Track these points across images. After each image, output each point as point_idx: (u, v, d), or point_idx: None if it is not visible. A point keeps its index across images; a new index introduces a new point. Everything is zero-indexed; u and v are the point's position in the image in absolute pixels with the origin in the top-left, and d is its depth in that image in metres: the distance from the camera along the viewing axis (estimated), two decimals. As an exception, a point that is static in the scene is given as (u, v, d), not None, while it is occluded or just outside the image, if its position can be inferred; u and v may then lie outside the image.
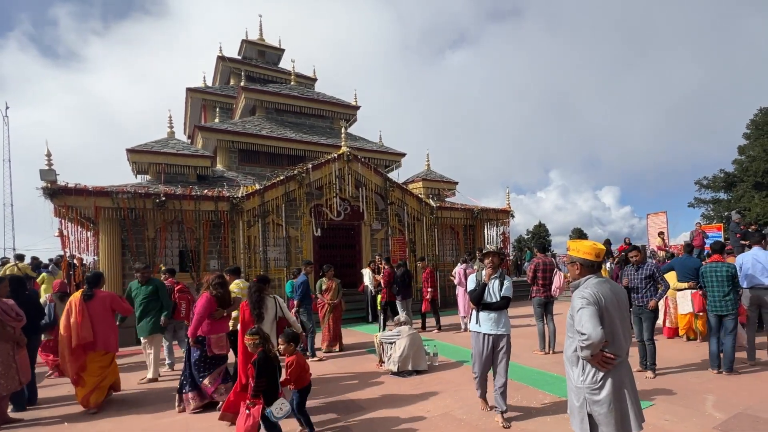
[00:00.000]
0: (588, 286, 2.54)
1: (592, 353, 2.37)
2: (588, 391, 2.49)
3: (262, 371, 3.55)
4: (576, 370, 2.57)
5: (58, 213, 9.45)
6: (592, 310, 2.39)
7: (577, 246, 2.68)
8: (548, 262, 7.14)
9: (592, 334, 2.31)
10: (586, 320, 2.36)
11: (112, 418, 4.74)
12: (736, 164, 32.96)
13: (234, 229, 10.99)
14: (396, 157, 17.22)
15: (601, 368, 2.46)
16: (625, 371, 2.55)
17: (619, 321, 2.52)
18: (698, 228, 13.19)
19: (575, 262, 2.68)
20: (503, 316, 4.17)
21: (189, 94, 18.45)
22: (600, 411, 2.46)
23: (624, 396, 2.50)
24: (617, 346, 2.50)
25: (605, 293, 2.51)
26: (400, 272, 9.62)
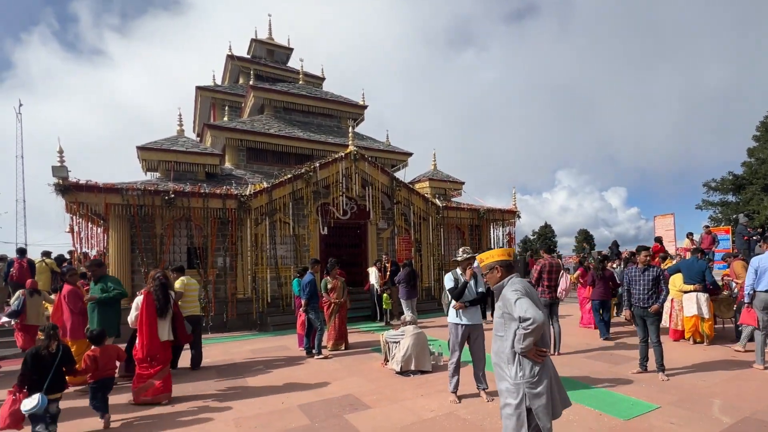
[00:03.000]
0: (515, 282, 2.72)
1: (535, 338, 2.48)
2: (527, 386, 2.58)
3: (28, 364, 3.84)
4: (512, 368, 2.65)
5: (69, 209, 9.59)
6: (529, 299, 2.55)
7: (490, 254, 2.89)
8: (555, 263, 7.12)
9: (536, 316, 2.43)
10: (527, 306, 2.49)
11: (114, 414, 4.82)
12: (745, 167, 32.60)
13: (241, 227, 11.08)
14: (403, 156, 17.24)
15: (536, 360, 2.59)
16: (549, 363, 2.74)
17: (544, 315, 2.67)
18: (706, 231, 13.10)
19: (494, 267, 2.87)
20: (478, 309, 4.94)
21: (199, 92, 18.59)
22: (540, 403, 2.56)
23: (553, 385, 2.67)
24: (544, 340, 2.69)
25: (529, 288, 2.71)
26: (406, 272, 9.66)
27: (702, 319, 7.33)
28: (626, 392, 4.97)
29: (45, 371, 3.87)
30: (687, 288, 7.50)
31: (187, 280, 6.91)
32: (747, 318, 6.17)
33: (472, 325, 4.81)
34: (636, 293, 5.72)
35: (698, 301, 7.29)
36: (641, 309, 5.65)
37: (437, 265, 13.98)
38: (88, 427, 4.41)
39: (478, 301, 4.90)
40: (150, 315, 5.23)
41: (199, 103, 19.03)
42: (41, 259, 10.71)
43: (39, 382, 3.83)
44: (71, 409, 4.85)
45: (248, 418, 4.50)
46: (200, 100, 18.86)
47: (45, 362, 3.90)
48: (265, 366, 6.85)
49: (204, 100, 18.83)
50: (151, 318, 5.22)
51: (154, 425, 4.41)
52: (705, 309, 7.25)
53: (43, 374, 3.86)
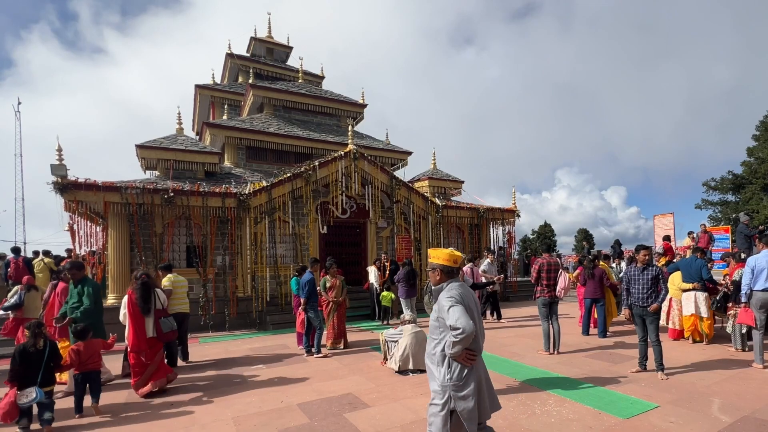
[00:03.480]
0: (452, 288, 2.75)
1: (464, 346, 2.54)
2: (453, 388, 2.63)
3: (16, 360, 4.09)
4: (442, 369, 2.69)
5: (68, 207, 9.58)
6: (462, 307, 2.59)
7: (437, 254, 2.88)
8: (553, 262, 7.12)
9: (466, 326, 2.48)
10: (459, 315, 2.53)
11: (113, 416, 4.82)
12: (745, 166, 32.63)
13: (241, 226, 11.08)
14: (402, 155, 17.24)
15: (465, 364, 2.63)
16: (482, 366, 2.81)
17: (478, 320, 2.77)
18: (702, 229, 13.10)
19: (435, 269, 2.88)
20: None
21: (198, 90, 18.55)
22: (464, 406, 2.61)
23: (483, 388, 2.72)
24: (477, 342, 2.73)
25: (466, 295, 2.74)
26: (405, 271, 9.65)
27: (701, 318, 7.34)
28: (625, 391, 4.97)
29: (33, 367, 4.13)
30: (686, 287, 7.51)
31: (175, 278, 6.95)
32: (744, 318, 6.17)
33: None
34: (635, 292, 5.72)
35: (696, 300, 7.30)
36: (640, 308, 5.65)
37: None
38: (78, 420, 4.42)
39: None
40: (134, 313, 5.39)
41: (199, 101, 19.00)
42: (40, 258, 10.73)
43: (31, 378, 4.09)
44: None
45: (247, 417, 4.50)
46: (199, 99, 18.83)
47: (32, 358, 4.16)
48: (265, 365, 6.85)
49: (203, 98, 18.80)
50: (135, 316, 5.38)
51: (152, 426, 4.41)
52: (703, 308, 7.26)
53: (32, 370, 4.12)
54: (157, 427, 4.34)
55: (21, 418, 4.09)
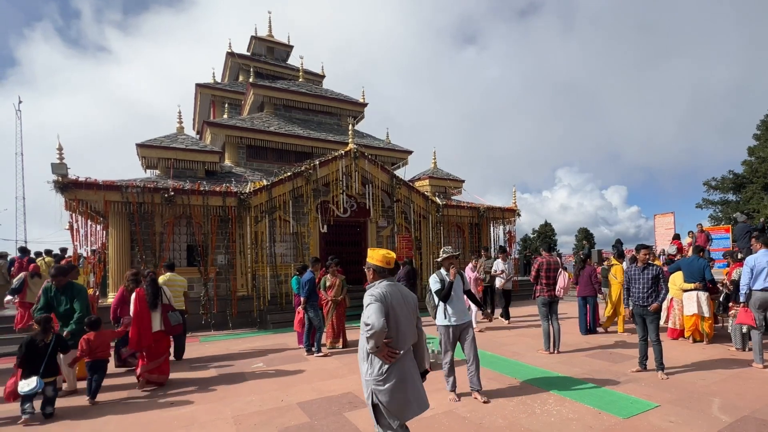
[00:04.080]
0: (377, 287, 2.81)
1: (376, 343, 2.60)
2: (374, 383, 2.71)
3: (22, 350, 4.51)
4: (365, 365, 2.78)
5: (68, 206, 9.58)
6: (378, 305, 2.65)
7: (372, 254, 2.96)
8: (553, 261, 7.12)
9: (375, 324, 2.55)
10: (371, 313, 2.61)
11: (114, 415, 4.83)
12: (746, 165, 32.59)
13: (241, 225, 11.08)
14: (403, 154, 17.23)
15: (386, 361, 2.69)
16: (408, 363, 2.83)
17: (404, 319, 2.81)
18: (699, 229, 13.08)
19: (369, 268, 2.96)
20: (465, 308, 4.91)
21: (198, 89, 18.54)
22: (384, 400, 2.69)
23: (407, 386, 2.75)
24: (401, 341, 2.77)
25: (393, 294, 2.80)
26: (405, 270, 9.64)
27: (702, 318, 7.34)
28: (625, 390, 4.98)
29: (39, 358, 4.53)
30: (687, 286, 7.50)
31: (171, 276, 7.28)
32: (744, 317, 6.16)
33: (462, 324, 4.79)
34: (635, 292, 5.72)
35: (699, 299, 7.29)
36: (641, 307, 5.65)
37: (437, 264, 13.95)
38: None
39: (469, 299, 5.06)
40: (141, 309, 5.67)
41: (199, 100, 18.99)
42: (41, 257, 10.79)
43: (34, 368, 4.48)
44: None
45: (248, 416, 4.51)
46: (200, 98, 18.82)
47: (39, 351, 4.57)
48: (265, 364, 6.86)
49: (204, 97, 18.79)
50: (142, 311, 5.66)
51: (152, 424, 4.41)
52: (705, 308, 7.26)
53: (37, 361, 4.51)
54: (158, 424, 4.35)
55: (24, 402, 4.44)
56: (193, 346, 8.51)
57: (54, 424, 4.45)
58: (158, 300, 5.92)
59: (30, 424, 4.42)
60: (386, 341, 2.69)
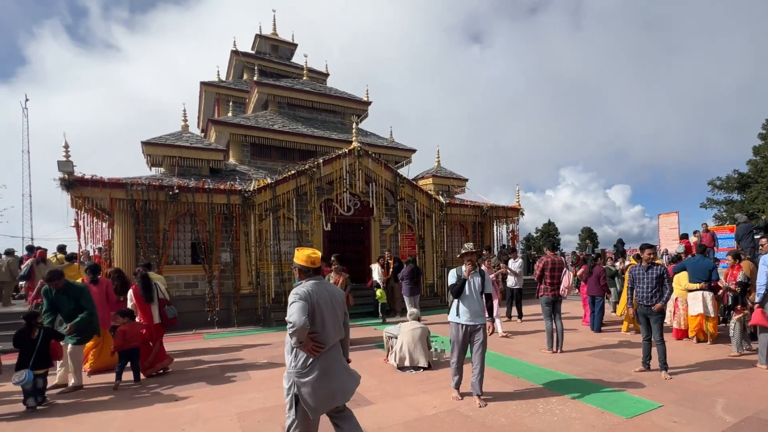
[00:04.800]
0: (304, 286, 2.91)
1: (298, 339, 2.69)
2: (296, 375, 2.82)
3: (16, 344, 4.80)
4: (289, 357, 2.89)
5: (74, 204, 9.64)
6: (302, 303, 2.75)
7: (298, 254, 3.06)
8: (558, 260, 7.11)
9: (296, 322, 2.65)
10: (294, 311, 2.71)
11: (119, 410, 4.87)
12: (751, 165, 32.36)
13: (245, 223, 11.11)
14: (406, 153, 17.22)
15: (311, 355, 2.81)
16: (332, 357, 2.94)
17: (329, 316, 2.92)
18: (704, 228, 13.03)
19: (296, 267, 3.09)
20: (481, 309, 4.67)
21: (203, 87, 18.58)
22: (305, 391, 2.79)
23: (329, 378, 2.87)
24: (325, 336, 2.88)
25: (319, 292, 2.91)
26: (409, 268, 9.66)
27: (707, 318, 7.31)
28: (628, 390, 4.97)
29: (27, 352, 4.78)
30: (692, 286, 7.47)
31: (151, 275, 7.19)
32: (759, 318, 6.07)
33: (472, 325, 4.61)
34: (639, 291, 5.71)
35: (704, 299, 7.25)
36: (645, 307, 5.64)
37: (440, 262, 13.99)
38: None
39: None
40: (140, 303, 6.33)
41: (204, 98, 19.04)
42: (53, 254, 10.96)
43: (24, 361, 4.72)
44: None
45: (252, 413, 4.53)
46: (204, 96, 18.87)
47: (27, 344, 4.82)
48: (269, 361, 6.89)
49: (208, 95, 18.84)
50: (142, 305, 6.32)
51: (156, 420, 4.45)
52: (711, 308, 7.23)
53: (25, 354, 4.77)
54: (162, 421, 4.38)
55: (27, 397, 4.72)
56: (197, 343, 8.56)
57: (59, 419, 4.50)
58: (152, 294, 6.41)
59: (35, 418, 4.48)
60: (312, 336, 2.81)
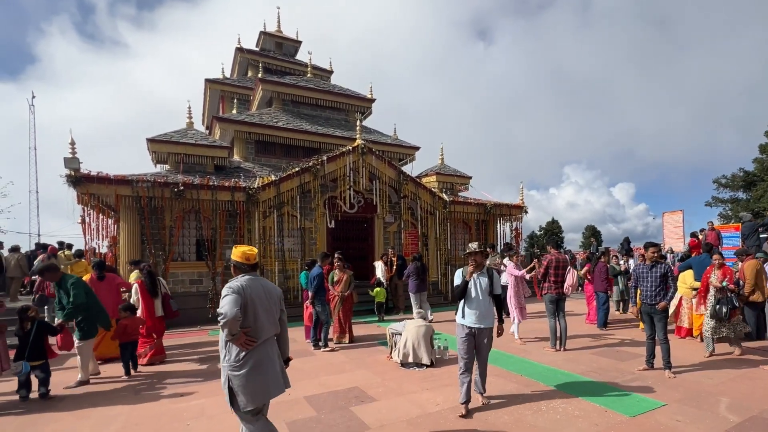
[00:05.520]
0: (238, 280, 2.99)
1: (230, 331, 2.77)
2: (230, 368, 2.89)
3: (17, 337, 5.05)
4: (224, 351, 2.95)
5: (80, 200, 9.71)
6: (234, 296, 2.82)
7: (234, 251, 3.15)
8: (562, 259, 7.10)
9: (227, 314, 2.74)
10: (225, 303, 2.80)
11: (125, 405, 4.92)
12: (756, 163, 32.05)
13: (250, 220, 11.16)
14: (410, 150, 17.19)
15: (243, 348, 2.88)
16: (268, 351, 3.02)
17: (263, 311, 3.00)
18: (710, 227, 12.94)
19: (232, 264, 3.16)
20: (488, 312, 4.41)
21: (208, 85, 18.62)
22: (238, 383, 2.87)
23: (263, 372, 2.94)
24: (258, 330, 2.96)
25: (253, 287, 2.98)
26: (415, 266, 9.64)
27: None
28: (632, 389, 4.97)
29: (22, 345, 5.05)
30: (698, 285, 7.43)
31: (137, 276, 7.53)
32: None
33: (478, 328, 4.35)
34: (644, 290, 5.69)
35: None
36: (649, 306, 5.63)
37: (444, 259, 13.99)
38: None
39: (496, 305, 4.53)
40: (145, 296, 6.80)
41: (208, 95, 19.07)
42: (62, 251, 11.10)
43: (20, 354, 5.01)
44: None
45: (256, 409, 4.56)
46: (209, 93, 18.90)
47: (20, 339, 5.10)
48: (273, 357, 6.92)
49: (213, 92, 18.87)
50: (146, 299, 6.78)
51: (162, 415, 4.49)
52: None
53: (20, 347, 5.04)
54: (168, 416, 4.42)
55: (20, 388, 5.01)
56: (201, 339, 8.62)
57: (65, 413, 4.56)
58: (157, 289, 6.95)
59: (44, 412, 4.55)
60: (245, 330, 2.88)
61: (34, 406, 4.82)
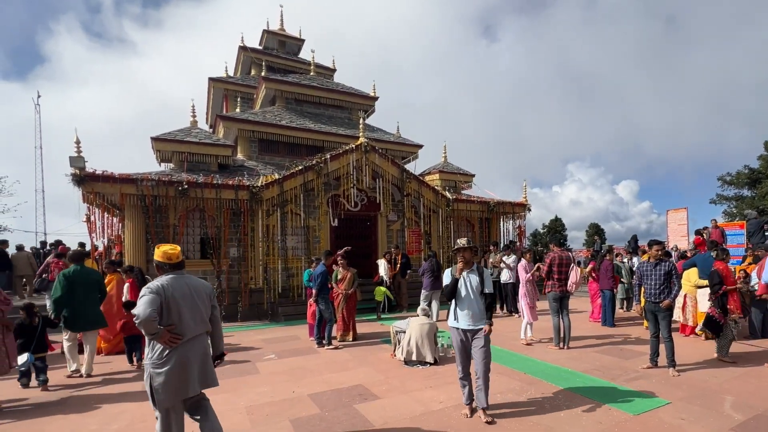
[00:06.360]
0: (158, 280, 3.03)
1: (147, 330, 2.81)
2: (152, 366, 2.92)
3: (17, 334, 5.27)
4: (147, 349, 2.99)
5: (86, 199, 9.77)
6: (151, 297, 2.86)
7: (156, 251, 3.18)
8: (565, 256, 7.08)
9: (141, 314, 2.78)
10: (140, 304, 2.84)
11: (131, 402, 4.96)
12: (762, 160, 31.80)
13: (253, 218, 11.19)
14: (413, 148, 17.19)
15: (166, 346, 2.91)
16: (191, 349, 3.03)
17: (187, 309, 3.02)
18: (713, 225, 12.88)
19: (155, 264, 3.20)
20: (481, 312, 4.15)
21: (211, 83, 18.67)
22: (158, 380, 2.89)
23: (185, 369, 2.96)
24: (183, 328, 2.98)
25: (175, 286, 3.02)
26: (430, 263, 9.59)
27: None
28: (636, 387, 4.96)
29: (29, 338, 5.41)
30: (702, 283, 7.40)
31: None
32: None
33: (472, 330, 4.14)
34: (648, 288, 5.67)
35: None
36: (653, 304, 5.61)
37: (447, 257, 13.99)
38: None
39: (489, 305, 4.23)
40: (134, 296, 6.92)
41: (212, 94, 19.12)
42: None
43: (25, 346, 5.34)
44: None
45: (260, 406, 4.60)
46: (213, 92, 18.95)
47: (27, 331, 5.45)
48: (277, 355, 6.96)
49: (216, 91, 18.92)
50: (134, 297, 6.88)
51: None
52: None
53: (27, 340, 5.39)
54: (173, 414, 4.45)
55: (21, 377, 5.36)
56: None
57: (72, 411, 4.60)
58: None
59: (50, 410, 4.61)
60: (169, 328, 2.91)
61: (41, 404, 4.86)
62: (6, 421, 4.35)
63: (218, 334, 3.36)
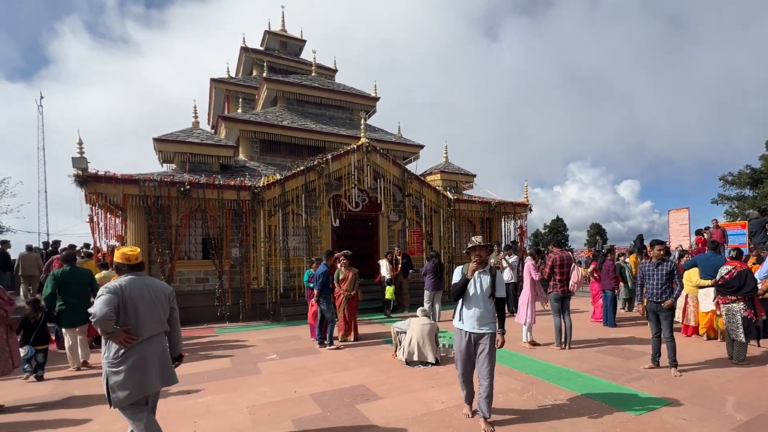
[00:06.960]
0: (117, 281, 3.08)
1: (103, 329, 2.87)
2: (108, 365, 2.96)
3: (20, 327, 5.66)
4: (104, 348, 3.02)
5: (88, 200, 9.80)
6: (108, 297, 2.92)
7: (115, 253, 3.25)
8: (566, 257, 7.08)
9: (97, 313, 2.83)
10: (97, 303, 2.89)
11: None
12: (763, 160, 31.68)
13: (255, 218, 11.21)
14: (414, 148, 17.19)
15: (122, 345, 2.95)
16: (148, 349, 3.08)
17: (145, 309, 3.08)
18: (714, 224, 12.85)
19: (114, 265, 3.25)
20: (488, 314, 3.92)
21: (213, 84, 18.68)
22: (116, 379, 2.94)
23: (141, 369, 3.01)
24: (140, 328, 3.03)
25: (133, 286, 3.07)
26: (432, 263, 9.60)
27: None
28: (638, 387, 4.96)
29: (31, 331, 5.80)
30: (704, 283, 7.39)
31: (106, 273, 7.70)
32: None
33: (477, 333, 3.90)
34: (649, 288, 5.67)
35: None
36: (654, 304, 5.61)
37: (448, 257, 13.98)
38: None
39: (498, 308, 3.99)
40: None
41: (214, 95, 19.14)
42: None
43: (27, 339, 5.73)
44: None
45: (261, 406, 4.61)
46: (215, 92, 18.97)
47: (30, 325, 5.84)
48: (278, 355, 6.97)
49: (218, 92, 18.94)
50: None
51: (169, 413, 4.54)
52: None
53: (28, 333, 5.78)
54: (175, 413, 4.47)
55: (24, 363, 5.66)
56: (208, 337, 8.68)
57: (74, 411, 4.62)
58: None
59: (54, 410, 4.63)
60: (125, 328, 2.96)
61: (44, 404, 4.88)
62: (9, 421, 4.37)
63: (177, 335, 3.40)
